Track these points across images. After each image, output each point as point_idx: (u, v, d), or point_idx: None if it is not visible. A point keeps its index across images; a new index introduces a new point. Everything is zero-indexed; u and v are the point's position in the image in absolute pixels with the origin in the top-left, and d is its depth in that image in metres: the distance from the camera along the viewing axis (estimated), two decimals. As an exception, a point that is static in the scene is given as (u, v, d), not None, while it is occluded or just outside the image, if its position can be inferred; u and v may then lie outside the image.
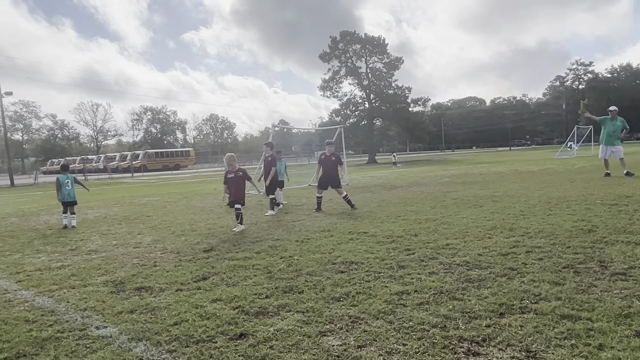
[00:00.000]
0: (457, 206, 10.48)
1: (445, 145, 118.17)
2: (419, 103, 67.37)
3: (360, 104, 64.99)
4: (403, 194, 14.30)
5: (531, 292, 4.30)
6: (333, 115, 66.97)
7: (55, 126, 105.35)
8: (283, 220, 10.09)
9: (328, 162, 11.61)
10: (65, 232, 10.11)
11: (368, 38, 63.04)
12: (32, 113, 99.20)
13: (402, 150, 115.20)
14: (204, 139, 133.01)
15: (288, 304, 4.41)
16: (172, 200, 16.55)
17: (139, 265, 6.42)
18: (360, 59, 63.57)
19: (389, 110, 62.17)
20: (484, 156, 54.74)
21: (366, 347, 3.40)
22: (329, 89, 64.27)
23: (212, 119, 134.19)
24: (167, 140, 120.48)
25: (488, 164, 32.45)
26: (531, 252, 5.79)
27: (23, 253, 7.88)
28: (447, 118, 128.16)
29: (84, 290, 5.30)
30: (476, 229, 7.60)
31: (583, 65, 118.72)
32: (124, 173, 56.88)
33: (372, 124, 65.11)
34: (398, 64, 63.60)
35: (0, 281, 5.98)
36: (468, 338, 3.42)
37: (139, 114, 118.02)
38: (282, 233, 8.37)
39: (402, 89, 63.37)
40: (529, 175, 18.89)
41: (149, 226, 10.23)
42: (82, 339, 3.85)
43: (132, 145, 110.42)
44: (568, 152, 37.75)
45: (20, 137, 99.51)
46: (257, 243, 7.53)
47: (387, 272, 5.30)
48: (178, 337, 3.75)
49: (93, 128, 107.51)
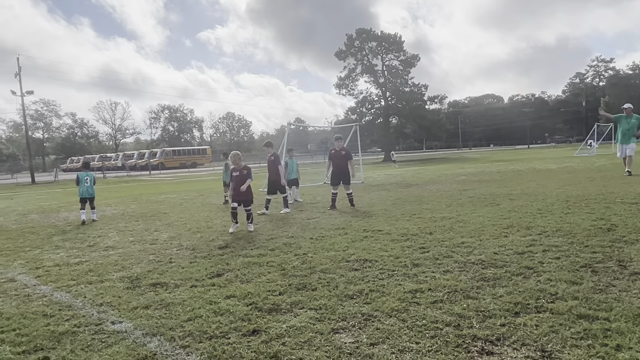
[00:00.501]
0: (473, 204, 10.39)
1: (462, 143, 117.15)
2: (436, 101, 66.92)
3: (376, 102, 64.79)
4: (418, 192, 14.21)
5: (547, 291, 4.24)
6: (349, 113, 66.84)
7: (75, 124, 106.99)
8: (297, 217, 10.11)
9: (338, 157, 11.57)
10: (83, 228, 10.26)
11: (384, 35, 62.76)
12: (52, 112, 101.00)
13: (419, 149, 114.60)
14: (221, 137, 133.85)
15: (301, 301, 4.41)
16: (188, 198, 16.69)
17: (155, 262, 6.48)
18: (377, 56, 63.34)
19: (405, 108, 61.86)
20: (502, 154, 54.13)
21: (379, 344, 3.39)
22: (344, 86, 64.19)
23: (228, 117, 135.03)
24: (184, 139, 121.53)
25: (505, 162, 32.08)
26: (548, 251, 5.71)
27: (42, 249, 8.02)
28: (464, 116, 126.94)
29: (100, 286, 5.37)
30: (492, 227, 7.52)
31: (604, 61, 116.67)
32: (142, 171, 57.55)
33: (388, 122, 64.83)
34: (414, 61, 63.23)
35: (20, 276, 6.10)
36: (482, 337, 3.39)
37: (157, 113, 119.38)
38: (296, 230, 8.38)
39: (419, 87, 63.01)
40: (547, 173, 18.63)
41: (166, 223, 10.33)
42: (98, 333, 3.90)
43: (150, 143, 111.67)
44: (588, 150, 37.12)
45: (41, 135, 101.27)
46: (272, 240, 7.55)
47: (401, 270, 5.27)
48: (192, 333, 3.78)
49: (112, 126, 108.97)
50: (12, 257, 7.44)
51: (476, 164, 32.44)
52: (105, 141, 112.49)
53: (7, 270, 6.48)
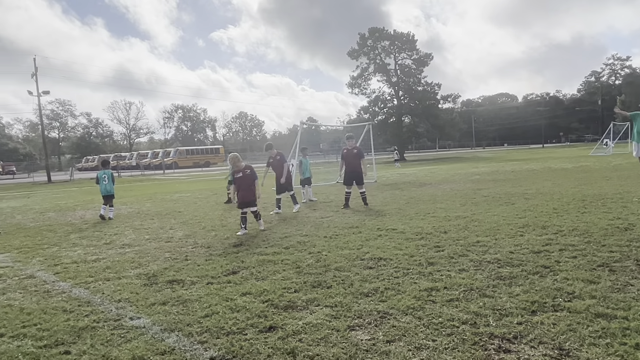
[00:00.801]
0: (488, 204, 10.33)
1: (475, 142, 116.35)
2: (449, 100, 66.48)
3: (389, 101, 64.51)
4: (432, 191, 14.16)
5: (564, 290, 4.21)
6: (361, 112, 66.70)
7: (89, 124, 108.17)
8: (311, 216, 10.13)
9: (350, 156, 11.55)
10: (100, 226, 10.39)
11: (397, 34, 62.49)
12: (67, 111, 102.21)
13: (432, 148, 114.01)
14: (233, 137, 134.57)
15: (317, 298, 4.43)
16: (202, 197, 16.81)
17: (171, 259, 6.55)
18: (389, 55, 63.07)
19: (418, 107, 61.54)
20: (516, 153, 53.67)
21: (395, 342, 3.39)
22: (357, 86, 64.00)
23: (241, 117, 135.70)
24: (198, 138, 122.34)
25: (520, 161, 31.80)
26: (565, 250, 5.66)
27: (60, 246, 8.14)
28: (477, 115, 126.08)
29: (118, 283, 5.45)
30: (507, 226, 7.47)
31: (620, 59, 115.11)
32: (156, 170, 57.99)
33: (401, 121, 64.54)
34: (427, 60, 62.85)
35: (39, 273, 6.20)
36: (499, 335, 3.38)
37: (170, 112, 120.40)
38: (310, 229, 8.41)
39: (432, 86, 62.61)
40: (562, 172, 18.44)
41: (180, 221, 10.43)
42: (117, 329, 3.96)
43: (164, 143, 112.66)
44: (604, 150, 36.63)
45: (57, 134, 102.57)
46: (286, 239, 7.59)
47: (416, 268, 5.27)
48: (209, 329, 3.82)
49: (126, 126, 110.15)
50: (31, 254, 7.57)
51: (490, 163, 32.20)
52: (119, 141, 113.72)
53: (27, 267, 6.59)
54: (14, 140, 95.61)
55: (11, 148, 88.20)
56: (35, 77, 40.07)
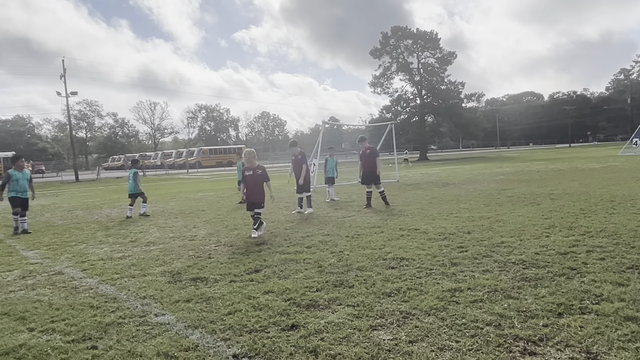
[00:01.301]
0: (513, 204, 10.17)
1: (500, 142, 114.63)
2: (473, 99, 65.81)
3: (412, 100, 64.11)
4: (455, 191, 14.02)
5: (592, 292, 4.13)
6: (383, 111, 66.43)
7: (116, 124, 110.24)
8: (333, 216, 10.13)
9: (364, 156, 11.70)
10: (125, 224, 10.58)
11: (420, 33, 62.01)
12: (94, 112, 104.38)
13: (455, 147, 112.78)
14: (256, 136, 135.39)
15: (339, 297, 4.43)
16: (225, 196, 16.97)
17: (195, 257, 6.63)
18: (412, 54, 62.66)
19: (441, 106, 60.98)
20: (542, 153, 52.72)
21: (418, 342, 3.37)
22: (379, 85, 63.76)
23: (263, 117, 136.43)
24: (221, 138, 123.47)
25: (546, 161, 31.24)
26: (592, 252, 5.54)
27: (87, 244, 8.32)
28: (502, 114, 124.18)
29: (143, 280, 5.54)
30: (533, 227, 7.35)
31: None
32: (180, 169, 58.76)
33: (424, 121, 64.06)
34: (451, 58, 62.20)
35: (67, 269, 6.35)
36: (524, 337, 3.33)
37: (194, 112, 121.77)
38: (332, 229, 8.41)
39: (455, 85, 61.97)
40: (590, 172, 18.05)
41: (204, 220, 10.55)
42: (142, 325, 4.03)
43: (188, 143, 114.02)
44: (633, 149, 35.70)
45: (84, 134, 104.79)
46: (308, 238, 7.61)
47: (439, 269, 5.23)
48: (232, 326, 3.86)
49: (151, 126, 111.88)
50: (59, 251, 7.75)
51: (515, 163, 31.71)
52: (144, 140, 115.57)
53: (55, 264, 6.75)
54: (43, 140, 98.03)
55: (40, 148, 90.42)
56: (63, 78, 41.02)
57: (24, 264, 6.83)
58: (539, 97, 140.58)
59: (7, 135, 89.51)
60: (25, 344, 3.73)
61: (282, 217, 10.38)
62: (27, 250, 7.98)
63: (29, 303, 4.83)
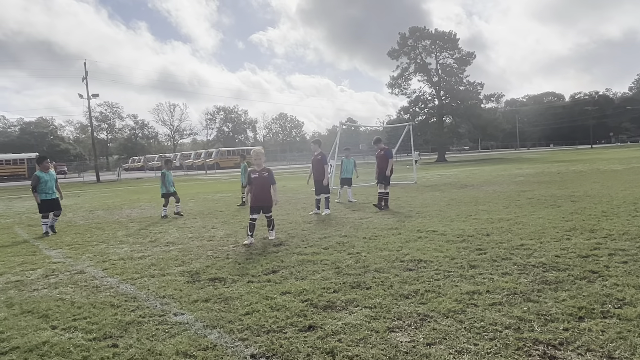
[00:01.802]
0: (533, 206, 10.04)
1: (519, 143, 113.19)
2: (492, 99, 65.00)
3: (430, 101, 63.65)
4: (474, 192, 13.89)
5: (614, 296, 4.06)
6: (401, 112, 66.08)
7: (136, 126, 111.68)
8: (350, 217, 10.12)
9: (378, 157, 11.80)
10: (145, 224, 10.71)
11: (438, 33, 61.56)
12: (115, 113, 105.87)
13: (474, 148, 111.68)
14: (273, 138, 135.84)
15: (356, 299, 4.43)
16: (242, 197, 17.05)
17: (213, 257, 6.69)
18: (430, 55, 62.22)
19: (460, 107, 60.44)
20: (562, 154, 51.90)
21: (435, 345, 3.35)
22: (397, 86, 63.44)
23: (281, 118, 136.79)
24: (239, 139, 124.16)
25: (567, 162, 30.75)
26: (614, 255, 5.45)
27: (108, 243, 8.45)
28: (521, 115, 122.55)
29: (162, 279, 5.61)
30: (553, 229, 7.25)
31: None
32: (198, 170, 59.31)
33: (442, 122, 63.56)
34: (470, 59, 61.60)
35: (89, 268, 6.46)
36: (544, 341, 3.29)
37: (212, 114, 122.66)
38: (349, 230, 8.41)
39: (474, 85, 61.35)
40: (612, 174, 17.71)
41: (222, 221, 10.63)
42: (162, 324, 4.08)
43: (206, 144, 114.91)
44: (658, 150, 34.93)
45: (105, 136, 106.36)
46: (325, 239, 7.61)
47: (457, 271, 5.19)
48: (250, 327, 3.88)
49: (170, 127, 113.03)
50: (81, 250, 7.89)
51: (535, 164, 31.28)
52: (164, 142, 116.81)
53: (77, 263, 6.87)
54: (65, 141, 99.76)
55: (63, 149, 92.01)
56: (85, 80, 41.72)
57: (47, 263, 6.97)
58: (559, 98, 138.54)
59: (30, 137, 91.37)
60: (48, 341, 3.81)
61: (300, 218, 10.40)
62: (50, 249, 8.14)
63: (51, 301, 4.93)
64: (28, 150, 67.52)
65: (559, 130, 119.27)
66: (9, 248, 8.46)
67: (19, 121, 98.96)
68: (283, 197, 15.52)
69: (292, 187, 20.77)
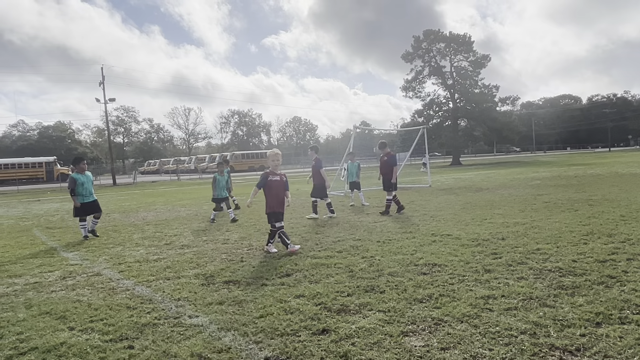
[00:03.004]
0: (549, 210, 9.93)
1: (536, 146, 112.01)
2: (507, 102, 64.40)
3: (444, 104, 63.30)
4: (489, 196, 13.77)
5: (632, 302, 3.99)
6: (415, 116, 65.76)
7: (151, 129, 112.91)
8: (364, 221, 10.11)
9: (381, 162, 11.80)
10: (160, 227, 10.81)
11: (453, 36, 61.23)
12: (131, 117, 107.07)
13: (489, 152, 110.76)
14: (287, 141, 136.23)
15: (370, 302, 4.42)
16: (256, 200, 17.04)
17: (227, 260, 6.73)
18: (445, 57, 61.90)
19: (475, 110, 59.96)
20: (580, 157, 51.22)
21: (450, 349, 3.33)
22: (411, 89, 63.22)
23: (294, 121, 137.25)
24: (253, 142, 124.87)
25: (584, 165, 30.34)
26: (633, 260, 5.36)
27: (124, 246, 8.55)
28: (538, 117, 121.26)
29: (177, 282, 5.66)
30: (570, 234, 7.16)
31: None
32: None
33: (457, 125, 63.14)
34: (485, 61, 61.13)
35: (105, 271, 6.54)
36: (560, 347, 3.25)
37: (227, 118, 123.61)
38: (363, 234, 8.39)
39: (489, 88, 60.85)
40: (631, 177, 17.44)
41: (236, 224, 10.68)
42: (177, 326, 4.12)
43: (221, 147, 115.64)
44: (678, 153, 34.30)
45: (122, 139, 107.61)
46: (339, 243, 7.61)
47: (472, 275, 5.15)
48: (264, 329, 3.90)
49: (185, 131, 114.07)
50: (98, 253, 7.99)
51: (551, 167, 30.92)
52: (179, 145, 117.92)
53: (94, 265, 6.96)
54: (82, 145, 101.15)
55: (80, 152, 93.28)
56: (102, 85, 42.30)
57: (65, 265, 7.08)
58: (576, 100, 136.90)
59: (49, 141, 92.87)
60: (65, 342, 3.87)
61: (313, 221, 10.42)
62: (67, 251, 8.26)
63: (69, 303, 5.00)
64: (46, 154, 68.61)
65: (576, 133, 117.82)
66: (27, 250, 8.60)
67: (37, 125, 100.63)
68: (297, 201, 15.56)
69: (305, 190, 20.80)
